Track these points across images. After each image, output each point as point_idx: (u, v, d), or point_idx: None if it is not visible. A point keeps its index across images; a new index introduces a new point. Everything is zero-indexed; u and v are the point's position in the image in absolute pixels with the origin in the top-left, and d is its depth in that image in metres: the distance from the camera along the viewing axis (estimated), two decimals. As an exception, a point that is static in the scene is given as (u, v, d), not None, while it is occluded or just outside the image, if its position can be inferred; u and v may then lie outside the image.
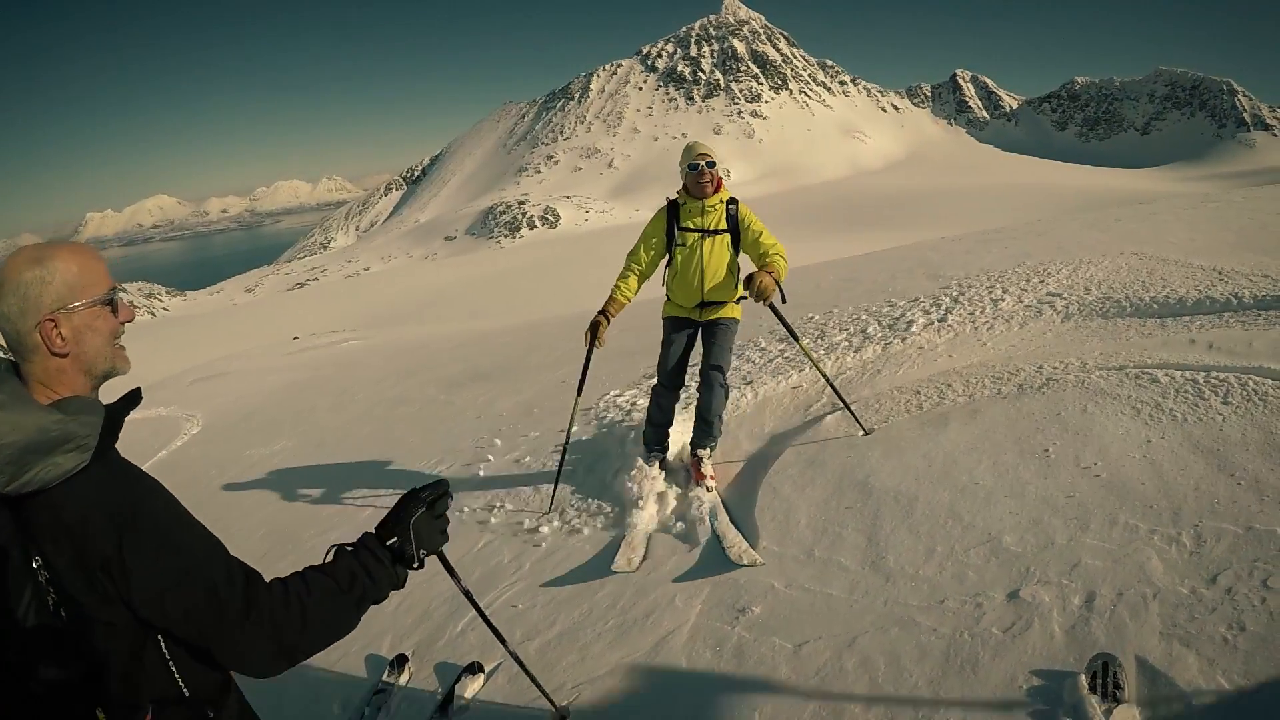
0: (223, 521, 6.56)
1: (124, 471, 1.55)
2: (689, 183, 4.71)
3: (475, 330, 20.61)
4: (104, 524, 1.45)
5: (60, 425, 1.44)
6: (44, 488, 1.42)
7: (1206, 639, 2.58)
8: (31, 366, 1.56)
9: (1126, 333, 5.74)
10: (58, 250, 1.57)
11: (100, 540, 1.44)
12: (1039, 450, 4.05)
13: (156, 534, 1.51)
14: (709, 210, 4.73)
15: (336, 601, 1.70)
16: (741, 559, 3.87)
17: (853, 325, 7.79)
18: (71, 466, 1.44)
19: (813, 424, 5.24)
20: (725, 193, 4.81)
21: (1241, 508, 3.19)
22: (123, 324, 1.68)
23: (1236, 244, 8.44)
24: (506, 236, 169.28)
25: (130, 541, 1.46)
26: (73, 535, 1.44)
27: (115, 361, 1.67)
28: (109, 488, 1.49)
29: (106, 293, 1.62)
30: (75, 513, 1.44)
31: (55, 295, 1.54)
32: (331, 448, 8.51)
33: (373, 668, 3.86)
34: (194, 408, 13.82)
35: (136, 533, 1.47)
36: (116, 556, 1.45)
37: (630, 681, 3.24)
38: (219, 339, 50.79)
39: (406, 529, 1.89)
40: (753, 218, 4.79)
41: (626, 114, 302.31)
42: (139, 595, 1.48)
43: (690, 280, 4.79)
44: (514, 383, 9.52)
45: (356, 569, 1.76)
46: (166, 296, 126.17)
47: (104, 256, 1.66)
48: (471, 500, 5.53)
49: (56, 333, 1.54)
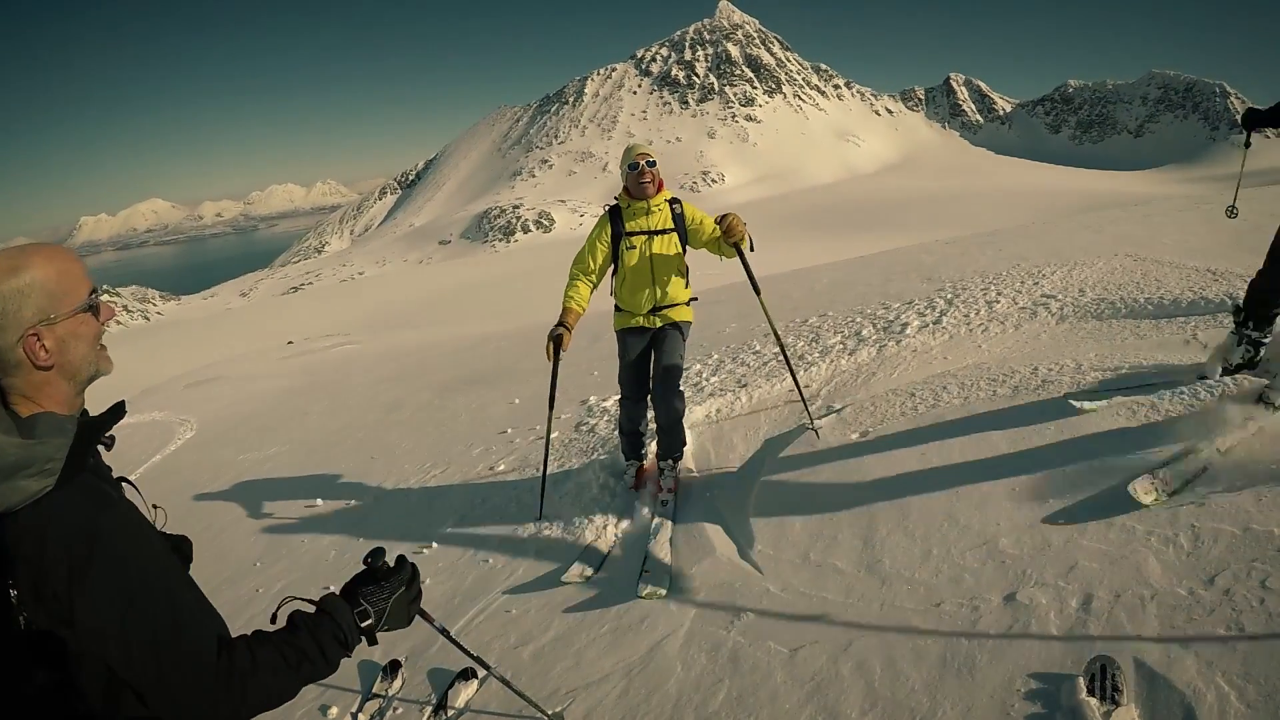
0: (215, 527, 6.53)
1: (91, 499, 1.48)
2: (630, 184, 4.64)
3: (469, 334, 20.59)
4: (58, 557, 1.39)
5: (21, 449, 1.39)
6: (8, 510, 1.38)
7: (1205, 640, 2.56)
8: (14, 381, 1.50)
9: (1121, 334, 5.74)
10: (32, 257, 1.50)
11: (53, 574, 1.39)
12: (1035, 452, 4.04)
13: (109, 575, 1.42)
14: (653, 211, 4.65)
15: (279, 679, 1.60)
16: (640, 590, 3.83)
17: (847, 328, 7.77)
18: (36, 490, 1.39)
19: (808, 427, 5.21)
20: (667, 192, 4.74)
21: (1239, 507, 3.18)
22: (104, 325, 1.63)
23: (1230, 245, 8.44)
24: (501, 241, 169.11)
25: (79, 581, 1.40)
26: (30, 564, 1.39)
27: (99, 365, 1.62)
28: (69, 518, 1.42)
29: (87, 297, 1.56)
30: (32, 543, 1.39)
31: (36, 307, 1.48)
32: (324, 453, 8.48)
33: (365, 674, 3.82)
34: (187, 412, 13.77)
35: (88, 571, 1.40)
36: (65, 593, 1.39)
37: (625, 687, 3.22)
38: (213, 343, 50.69)
39: (384, 610, 1.84)
40: (697, 212, 4.73)
41: (621, 118, 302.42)
42: (81, 632, 1.42)
43: (642, 284, 4.72)
44: (508, 387, 9.49)
45: (310, 648, 1.65)
46: (160, 301, 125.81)
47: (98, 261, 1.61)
48: (464, 505, 5.51)
49: (40, 346, 1.49)
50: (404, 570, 1.95)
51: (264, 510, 6.75)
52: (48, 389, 1.53)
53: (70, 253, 1.59)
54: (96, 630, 1.41)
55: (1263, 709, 2.28)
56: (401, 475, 6.68)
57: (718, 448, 5.30)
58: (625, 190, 4.70)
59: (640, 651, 3.41)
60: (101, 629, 1.42)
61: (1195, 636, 2.59)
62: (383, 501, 6.12)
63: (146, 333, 74.82)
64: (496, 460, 6.33)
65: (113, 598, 1.42)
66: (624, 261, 4.70)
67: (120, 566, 1.44)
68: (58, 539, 1.40)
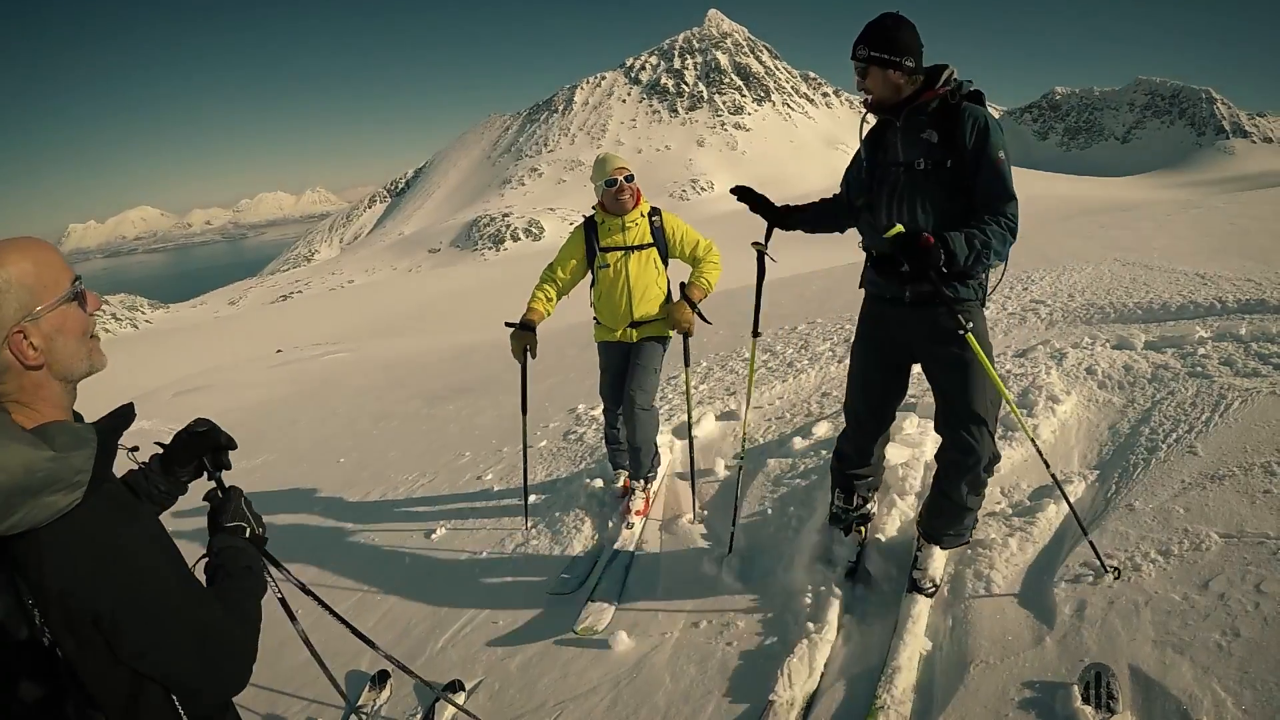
0: (202, 537, 6.45)
1: (116, 510, 1.43)
2: (606, 200, 4.43)
3: (458, 343, 20.51)
4: (93, 578, 1.34)
5: (50, 464, 1.32)
6: (34, 527, 1.31)
7: (1200, 646, 2.54)
8: (5, 387, 1.42)
9: (1110, 338, 5.73)
10: (5, 253, 1.40)
11: (89, 597, 1.33)
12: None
13: (147, 588, 1.39)
14: (630, 226, 4.45)
15: (253, 613, 1.69)
16: (576, 626, 3.66)
17: (836, 335, 7.76)
18: (63, 506, 1.32)
19: (795, 435, 5.18)
20: (645, 204, 4.54)
21: (1232, 511, 3.17)
22: (93, 316, 1.54)
23: (1218, 249, 8.49)
24: (490, 249, 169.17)
25: (122, 597, 1.35)
26: (58, 580, 1.32)
27: (92, 359, 1.53)
28: (98, 533, 1.37)
29: (71, 286, 1.46)
30: (61, 559, 1.32)
31: (17, 304, 1.39)
32: (313, 462, 8.41)
33: (352, 685, 3.76)
34: (176, 421, 13.59)
35: (127, 586, 1.36)
36: (108, 611, 1.34)
37: (613, 699, 3.17)
38: (202, 352, 50.41)
39: (244, 514, 1.97)
40: (678, 223, 4.56)
41: (610, 126, 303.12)
42: (129, 650, 1.38)
43: (617, 303, 4.52)
44: (496, 396, 9.44)
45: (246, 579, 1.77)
46: (149, 309, 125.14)
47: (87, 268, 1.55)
48: (451, 514, 5.46)
49: (27, 344, 1.40)
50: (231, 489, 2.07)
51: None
52: (42, 391, 1.45)
53: (45, 242, 1.49)
54: (145, 641, 1.39)
55: (1259, 714, 2.26)
56: (390, 484, 6.62)
57: (705, 455, 5.26)
58: (600, 205, 4.52)
59: (628, 663, 3.36)
60: (150, 639, 1.39)
61: (1191, 642, 2.57)
62: (370, 510, 6.06)
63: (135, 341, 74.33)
64: (484, 470, 6.27)
65: (154, 609, 1.40)
66: (599, 279, 4.55)
67: (152, 576, 1.41)
68: (89, 558, 1.34)
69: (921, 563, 3.28)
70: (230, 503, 1.99)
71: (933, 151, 2.90)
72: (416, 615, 4.22)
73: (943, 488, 3.21)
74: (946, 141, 2.87)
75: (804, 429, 5.22)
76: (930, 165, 2.91)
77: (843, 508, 3.72)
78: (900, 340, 3.23)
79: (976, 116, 2.84)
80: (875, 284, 3.26)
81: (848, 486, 3.67)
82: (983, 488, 3.22)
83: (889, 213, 3.02)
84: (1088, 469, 3.94)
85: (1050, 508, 3.58)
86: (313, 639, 2.89)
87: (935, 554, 3.31)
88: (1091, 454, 4.11)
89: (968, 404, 3.04)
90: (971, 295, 3.04)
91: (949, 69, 2.97)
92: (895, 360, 3.34)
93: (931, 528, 3.31)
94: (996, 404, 3.10)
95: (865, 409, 3.49)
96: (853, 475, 3.63)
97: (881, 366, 3.37)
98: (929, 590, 3.20)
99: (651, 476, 4.83)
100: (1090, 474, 3.88)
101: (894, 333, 3.24)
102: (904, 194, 2.98)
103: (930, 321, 3.06)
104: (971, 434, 3.06)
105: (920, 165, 2.92)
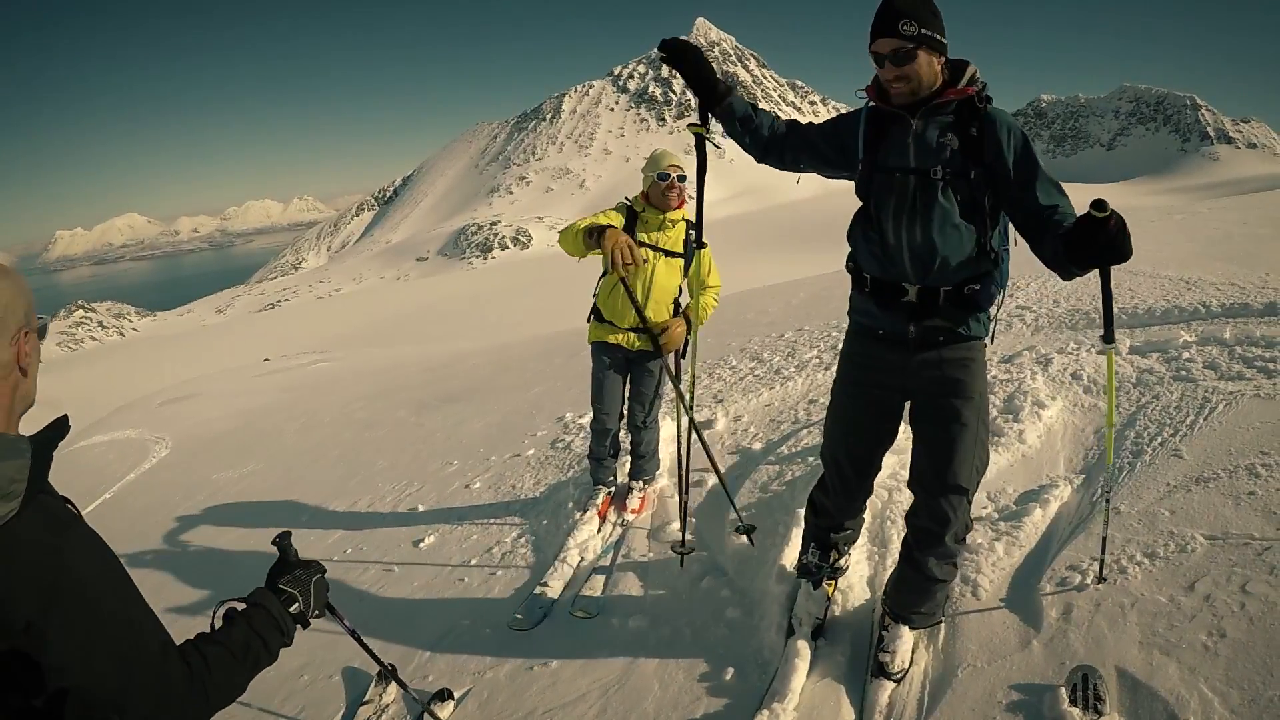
0: (188, 546, 6.41)
1: (52, 521, 1.40)
2: (653, 193, 4.29)
3: (446, 352, 20.47)
4: (27, 583, 1.32)
5: None
6: None
7: (1187, 647, 2.56)
8: None
9: (1096, 344, 5.76)
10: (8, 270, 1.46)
11: (22, 603, 1.31)
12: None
13: (78, 599, 1.36)
14: (668, 226, 4.34)
15: (232, 674, 1.64)
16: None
17: (823, 342, 7.78)
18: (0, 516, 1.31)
19: (784, 441, 5.19)
20: (685, 211, 4.40)
21: (1218, 513, 3.19)
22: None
23: (1203, 254, 8.55)
24: (478, 257, 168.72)
25: (50, 607, 1.32)
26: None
27: (34, 391, 1.55)
28: (34, 544, 1.34)
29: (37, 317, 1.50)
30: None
31: (28, 305, 1.45)
32: (300, 471, 8.36)
33: (352, 686, 3.73)
34: (162, 430, 13.58)
35: (58, 598, 1.33)
36: (38, 621, 1.31)
37: (602, 706, 3.16)
38: (189, 360, 50.21)
39: (308, 589, 1.93)
40: (709, 258, 4.16)
41: (598, 135, 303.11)
42: (53, 662, 1.34)
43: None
44: (484, 404, 9.41)
45: (251, 638, 1.72)
46: (136, 317, 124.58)
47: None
48: (439, 525, 5.43)
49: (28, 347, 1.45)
50: (315, 563, 2.06)
51: (237, 529, 6.63)
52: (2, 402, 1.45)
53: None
54: (70, 655, 1.34)
55: (1246, 714, 2.27)
56: (377, 493, 6.59)
57: (694, 462, 5.25)
58: (644, 195, 4.37)
59: (617, 670, 3.35)
60: (75, 653, 1.35)
61: (1177, 644, 2.58)
62: (358, 519, 6.03)
63: (122, 349, 74.00)
64: (472, 479, 6.25)
65: (84, 622, 1.36)
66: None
67: (87, 589, 1.38)
68: (24, 565, 1.32)
69: (889, 644, 2.91)
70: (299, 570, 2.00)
71: (954, 160, 2.49)
72: (404, 624, 4.19)
73: (911, 556, 2.90)
74: (971, 150, 2.48)
75: (791, 435, 5.24)
76: (950, 175, 2.50)
77: (817, 564, 3.29)
78: (893, 385, 2.82)
79: (1011, 125, 2.48)
80: (870, 315, 2.80)
81: (824, 543, 3.28)
82: (953, 558, 2.89)
83: (897, 225, 2.59)
84: (1074, 473, 3.97)
85: (1036, 512, 3.60)
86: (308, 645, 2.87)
87: (903, 634, 2.92)
88: (1077, 458, 4.14)
89: (953, 471, 2.70)
90: (982, 332, 2.70)
91: (971, 66, 2.57)
92: (888, 405, 2.92)
93: (898, 604, 2.97)
94: (982, 470, 2.79)
95: (847, 457, 3.04)
96: (829, 530, 3.25)
97: (870, 411, 2.94)
98: (897, 676, 2.87)
99: (650, 479, 4.87)
100: (1076, 478, 3.91)
101: (885, 378, 2.82)
102: (916, 205, 2.54)
103: (935, 365, 2.68)
104: (951, 504, 2.73)
105: (937, 174, 2.50)
